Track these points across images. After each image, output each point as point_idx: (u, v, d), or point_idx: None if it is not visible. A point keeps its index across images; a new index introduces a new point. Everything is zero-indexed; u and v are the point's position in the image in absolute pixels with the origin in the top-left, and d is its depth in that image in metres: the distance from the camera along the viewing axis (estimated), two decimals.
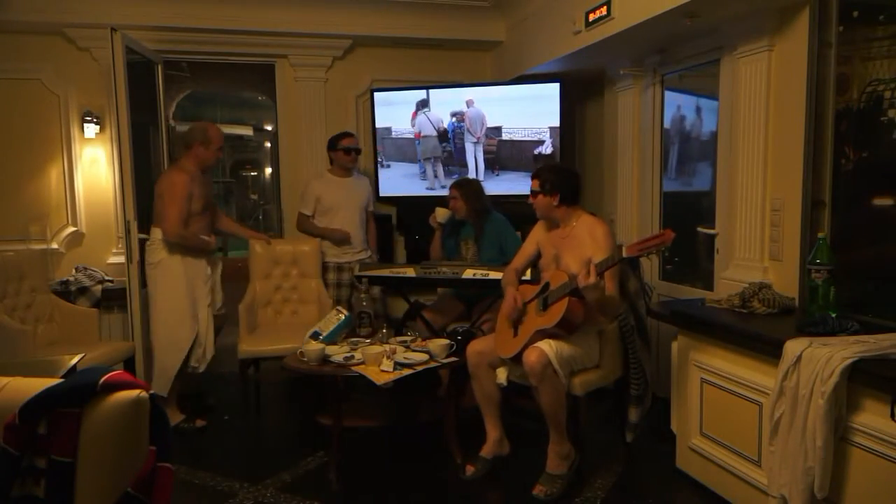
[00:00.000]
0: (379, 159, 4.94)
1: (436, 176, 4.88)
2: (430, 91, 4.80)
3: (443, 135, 4.81)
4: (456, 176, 4.59)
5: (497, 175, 4.71)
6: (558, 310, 2.73)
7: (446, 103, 4.76)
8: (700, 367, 2.80)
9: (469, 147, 4.76)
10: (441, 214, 3.94)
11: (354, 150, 4.25)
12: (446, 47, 5.08)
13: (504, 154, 4.70)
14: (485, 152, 4.74)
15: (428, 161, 4.88)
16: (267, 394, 4.22)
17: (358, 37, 4.85)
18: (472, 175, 4.67)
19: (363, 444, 3.39)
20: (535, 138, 4.61)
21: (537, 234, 3.13)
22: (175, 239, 3.55)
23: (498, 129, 4.69)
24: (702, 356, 2.79)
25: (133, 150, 3.77)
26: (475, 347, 3.00)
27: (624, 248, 2.58)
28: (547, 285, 2.87)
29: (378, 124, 4.90)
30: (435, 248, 4.03)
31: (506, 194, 4.49)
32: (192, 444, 3.42)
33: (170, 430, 1.49)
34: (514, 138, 4.66)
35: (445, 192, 4.05)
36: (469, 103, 4.71)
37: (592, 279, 2.56)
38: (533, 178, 3.01)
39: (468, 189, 3.90)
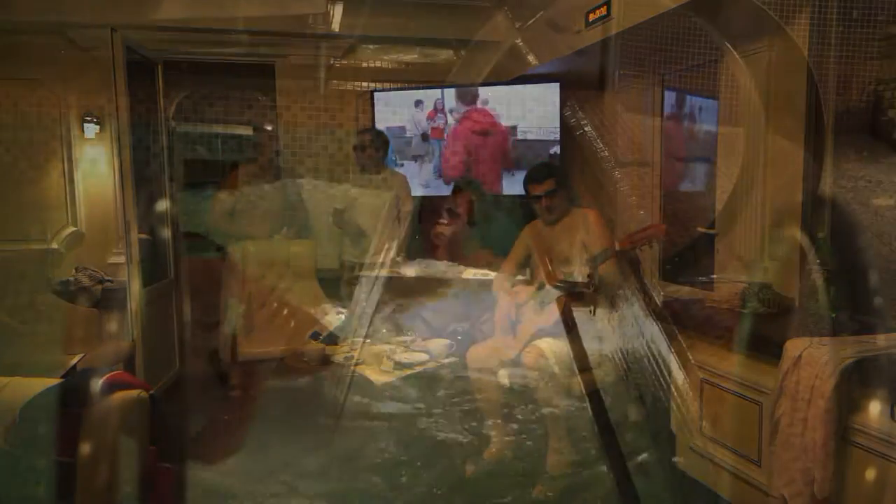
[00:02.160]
0: (393, 158, 4.93)
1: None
2: (426, 91, 4.78)
3: (424, 135, 4.81)
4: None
5: (513, 175, 4.65)
6: (555, 309, 2.73)
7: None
8: (700, 367, 2.80)
9: None
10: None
11: (357, 146, 4.21)
12: (446, 47, 5.07)
13: (520, 154, 4.66)
14: None
15: (415, 159, 4.87)
16: (266, 394, 4.21)
17: (358, 37, 4.84)
18: None
19: (363, 442, 3.39)
20: (551, 138, 4.58)
21: (526, 237, 3.13)
22: None
23: (514, 129, 4.66)
24: (702, 356, 2.79)
25: (133, 150, 3.78)
26: (475, 351, 2.99)
27: (616, 243, 2.62)
28: (542, 285, 2.88)
29: (390, 124, 4.87)
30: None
31: (522, 194, 4.48)
32: (193, 444, 3.42)
33: (170, 430, 1.49)
34: (529, 138, 4.64)
35: (438, 192, 4.04)
36: (482, 102, 4.68)
37: (587, 276, 2.56)
38: (545, 179, 2.97)
39: (466, 190, 3.91)
